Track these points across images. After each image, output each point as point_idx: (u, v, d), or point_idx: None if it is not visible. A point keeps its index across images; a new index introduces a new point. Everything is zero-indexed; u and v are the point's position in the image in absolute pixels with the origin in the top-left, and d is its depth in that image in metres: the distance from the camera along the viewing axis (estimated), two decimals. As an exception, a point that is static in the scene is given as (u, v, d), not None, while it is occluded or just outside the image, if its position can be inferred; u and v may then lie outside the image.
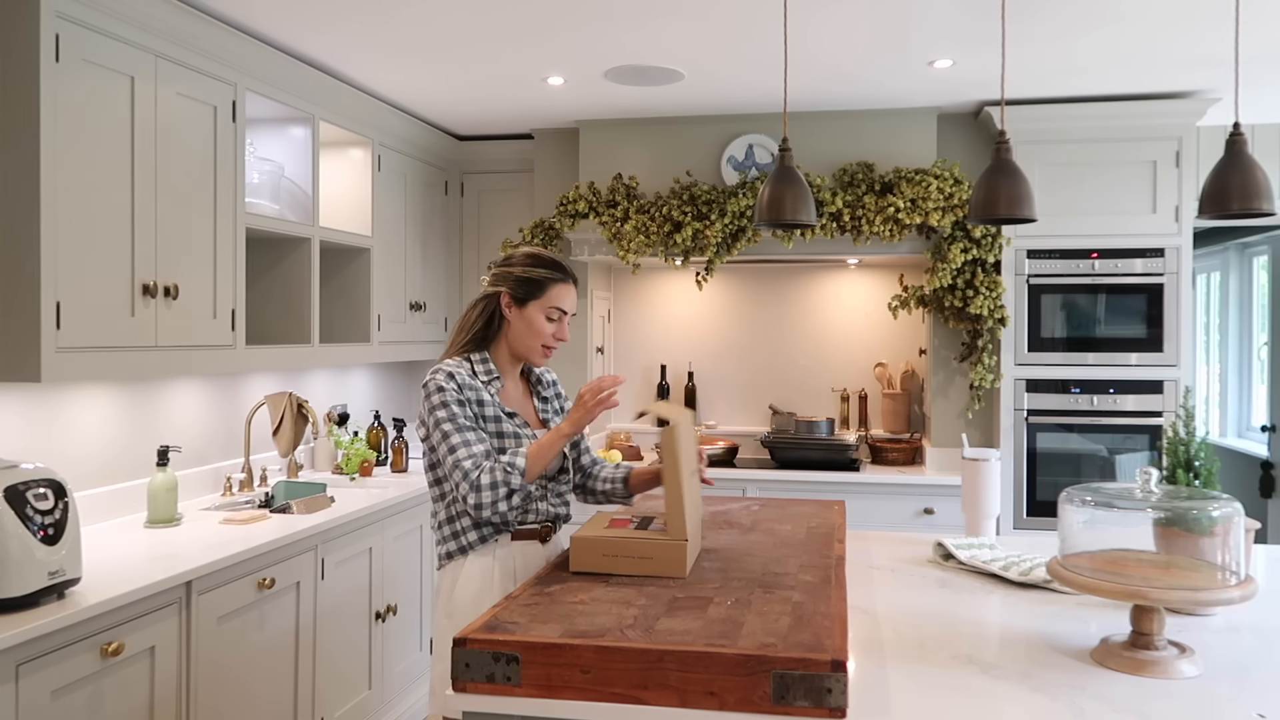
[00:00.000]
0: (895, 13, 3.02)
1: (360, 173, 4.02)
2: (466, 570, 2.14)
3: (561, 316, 2.22)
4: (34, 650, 2.04)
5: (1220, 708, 1.50)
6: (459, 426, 2.07)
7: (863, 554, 2.49)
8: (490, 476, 2.03)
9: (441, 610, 2.16)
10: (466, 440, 2.06)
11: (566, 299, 2.22)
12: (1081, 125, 4.00)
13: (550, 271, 2.21)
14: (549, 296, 2.20)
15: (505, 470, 2.03)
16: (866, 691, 1.54)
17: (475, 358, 2.20)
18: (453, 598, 2.13)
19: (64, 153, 2.49)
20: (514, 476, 2.04)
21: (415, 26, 3.15)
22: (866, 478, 4.12)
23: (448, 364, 2.16)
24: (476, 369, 2.18)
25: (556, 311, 2.21)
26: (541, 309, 2.19)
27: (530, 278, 2.20)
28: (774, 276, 4.81)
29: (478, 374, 2.17)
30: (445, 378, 2.11)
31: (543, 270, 2.21)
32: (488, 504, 2.04)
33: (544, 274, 2.20)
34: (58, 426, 2.90)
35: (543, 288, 2.19)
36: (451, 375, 2.12)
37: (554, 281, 2.20)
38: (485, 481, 2.03)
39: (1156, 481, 1.76)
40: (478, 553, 2.14)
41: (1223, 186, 2.33)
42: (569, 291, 2.23)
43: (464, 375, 2.13)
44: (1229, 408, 5.92)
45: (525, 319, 2.19)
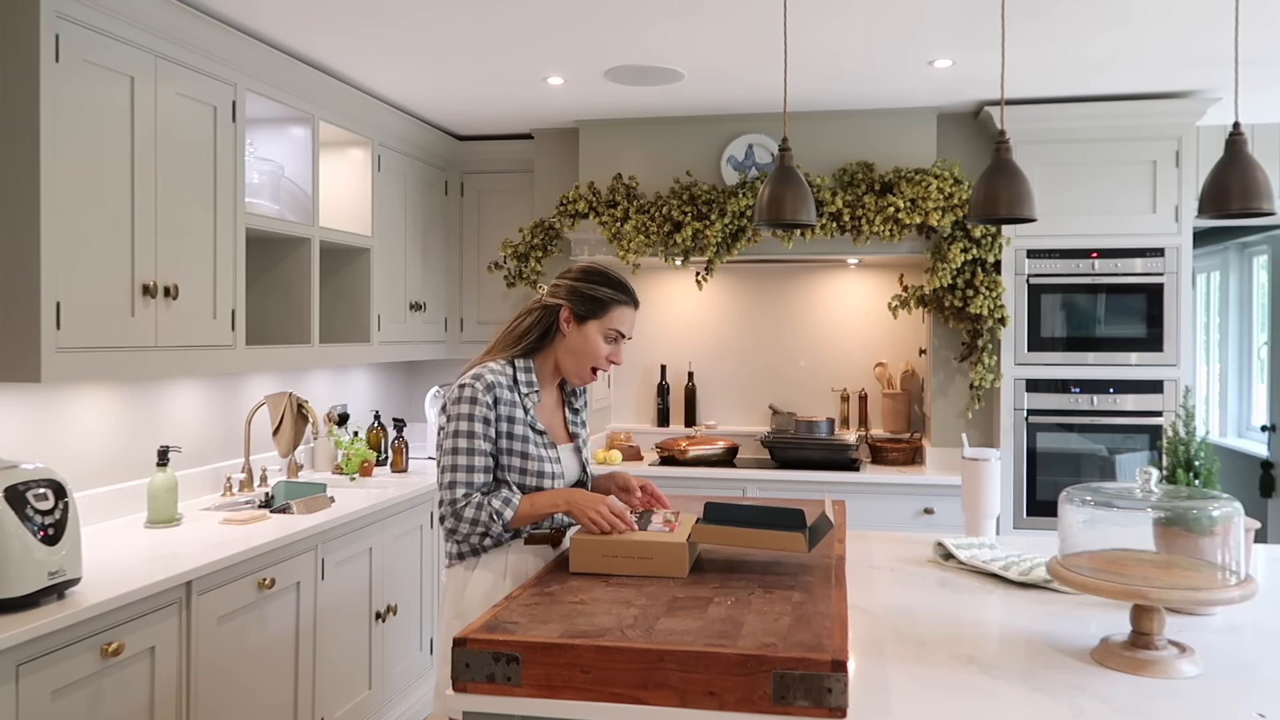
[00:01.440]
0: (895, 12, 3.02)
1: (360, 173, 4.03)
2: (479, 571, 2.12)
3: (619, 338, 2.20)
4: (34, 650, 2.04)
5: (1220, 708, 1.50)
6: (471, 448, 2.06)
7: (863, 554, 2.49)
8: (475, 513, 2.04)
9: (450, 611, 2.14)
10: (472, 465, 2.06)
11: (626, 321, 2.20)
12: (1081, 125, 4.00)
13: (616, 292, 2.19)
14: (611, 317, 2.18)
15: (491, 516, 2.04)
16: (866, 691, 1.54)
17: (520, 364, 2.17)
18: (463, 598, 2.11)
19: (64, 153, 2.49)
20: (496, 525, 2.05)
21: (415, 26, 3.15)
22: (866, 478, 4.12)
23: (491, 370, 2.12)
24: (519, 377, 2.15)
25: (614, 333, 2.19)
26: (601, 328, 2.17)
27: (596, 296, 2.17)
28: (774, 276, 4.81)
29: (519, 383, 2.15)
30: (484, 389, 2.08)
31: (608, 290, 2.18)
32: (462, 535, 2.08)
33: (610, 294, 2.18)
34: (58, 426, 2.90)
35: (606, 308, 2.17)
36: (491, 387, 2.08)
37: (618, 303, 2.19)
38: (468, 515, 2.05)
39: (1156, 481, 1.76)
40: (490, 553, 2.13)
41: (1223, 186, 2.33)
42: (631, 314, 2.21)
43: (504, 389, 2.10)
44: (1229, 407, 5.92)
45: (583, 336, 2.17)
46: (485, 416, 2.07)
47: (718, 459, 4.44)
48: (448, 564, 2.18)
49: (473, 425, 2.06)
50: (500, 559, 2.12)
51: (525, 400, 2.14)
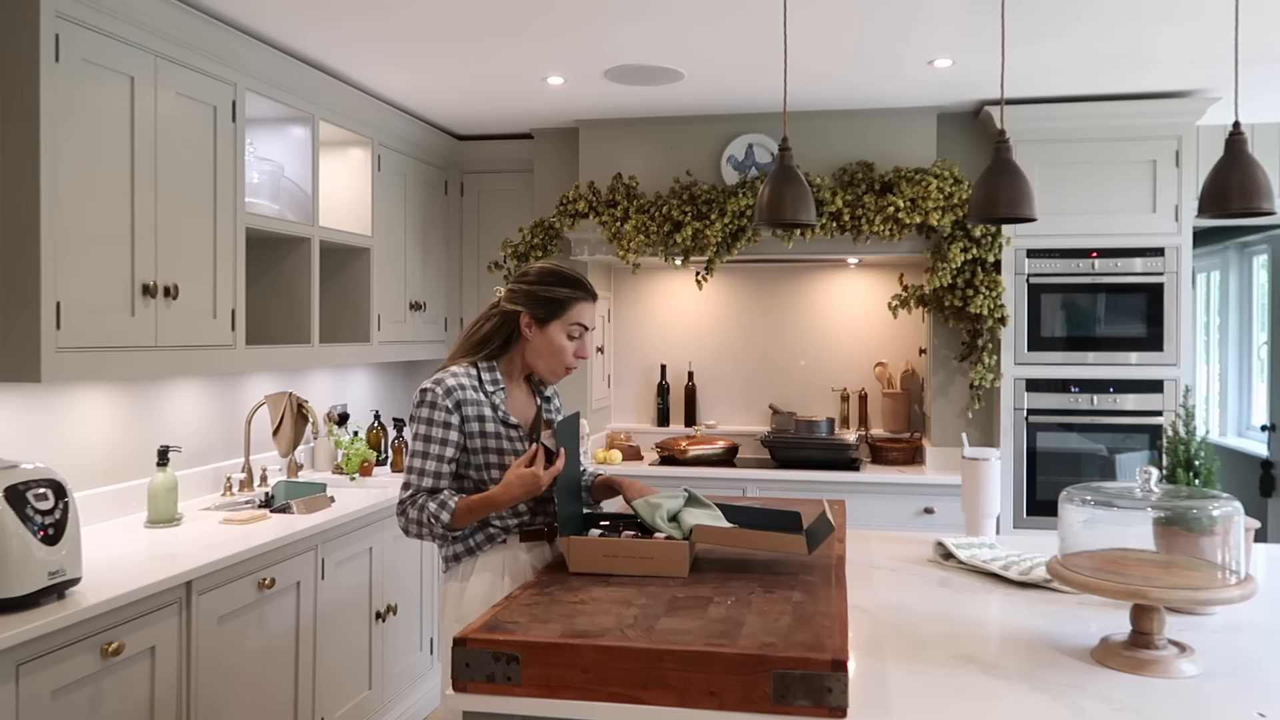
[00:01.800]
0: (895, 13, 3.02)
1: (360, 173, 4.02)
2: (477, 571, 2.13)
3: (582, 333, 2.21)
4: (34, 650, 2.04)
5: (1220, 707, 1.50)
6: (426, 452, 2.09)
7: (863, 554, 2.49)
8: (416, 514, 2.08)
9: (450, 614, 2.14)
10: (424, 469, 2.09)
11: (587, 315, 2.21)
12: (1081, 125, 4.00)
13: (573, 290, 2.19)
14: (570, 315, 2.18)
15: (430, 518, 2.06)
16: (866, 691, 1.54)
17: (483, 365, 2.18)
18: (462, 600, 2.12)
19: (64, 153, 2.48)
20: (436, 527, 2.06)
21: (415, 26, 3.15)
22: (866, 477, 4.12)
23: (453, 373, 2.14)
24: (484, 377, 2.16)
25: (578, 328, 2.20)
26: (563, 327, 2.18)
27: (554, 298, 2.17)
28: (774, 276, 4.81)
29: (484, 382, 2.16)
30: (444, 394, 2.09)
31: (566, 290, 2.18)
32: (410, 532, 2.11)
33: (567, 293, 2.18)
34: (58, 426, 2.90)
35: (565, 307, 2.18)
36: (451, 391, 2.10)
37: (576, 300, 2.19)
38: (411, 515, 2.09)
39: (1156, 481, 1.76)
40: (486, 553, 2.14)
41: (1223, 186, 2.33)
42: (590, 308, 2.22)
43: (468, 390, 2.12)
44: (1229, 407, 5.92)
45: (547, 338, 2.18)
46: (445, 421, 2.09)
47: (718, 459, 4.44)
48: (444, 569, 2.19)
49: (430, 430, 2.09)
50: (498, 559, 2.13)
51: (493, 397, 2.15)
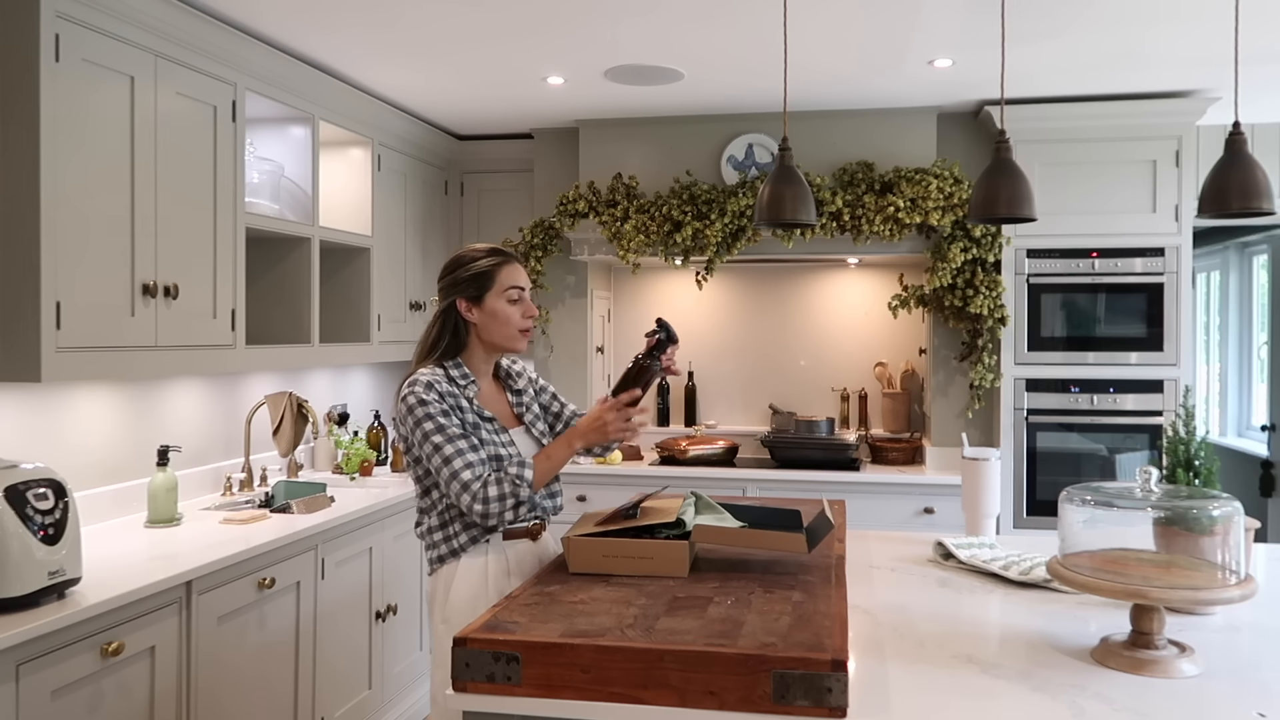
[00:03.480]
0: (895, 12, 3.02)
1: (360, 172, 4.02)
2: (460, 573, 2.12)
3: (521, 294, 2.20)
4: (34, 650, 2.04)
5: (1220, 707, 1.50)
6: (450, 436, 2.05)
7: (863, 554, 2.49)
8: (498, 489, 2.03)
9: (437, 616, 2.14)
10: (460, 450, 2.05)
11: (519, 276, 2.20)
12: (1081, 125, 4.00)
13: (492, 258, 2.19)
14: (501, 280, 2.18)
15: (514, 482, 2.04)
16: (866, 691, 1.54)
17: (449, 364, 2.18)
18: (449, 601, 2.11)
19: (64, 153, 2.49)
20: (523, 489, 2.05)
21: (415, 26, 3.15)
22: (866, 477, 4.12)
23: (423, 374, 2.13)
24: (452, 374, 2.16)
25: (515, 291, 2.18)
26: (500, 295, 2.17)
27: (476, 272, 2.18)
28: (774, 276, 4.81)
29: (454, 379, 2.15)
30: (424, 388, 2.09)
31: (484, 260, 2.19)
32: (495, 514, 2.04)
33: (487, 263, 2.18)
34: (58, 426, 2.90)
35: (492, 276, 2.17)
36: (430, 385, 2.09)
37: (500, 265, 2.19)
38: (493, 494, 2.03)
39: (1156, 481, 1.76)
40: (470, 554, 2.13)
41: (1223, 186, 2.33)
42: (517, 269, 2.21)
43: (442, 384, 2.12)
44: (1229, 407, 5.92)
45: (489, 312, 2.17)
46: (443, 409, 2.08)
47: (718, 459, 4.44)
48: (430, 571, 2.18)
49: (437, 421, 2.06)
50: (479, 558, 2.13)
51: (465, 392, 2.15)
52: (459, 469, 2.03)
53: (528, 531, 2.19)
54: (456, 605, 2.09)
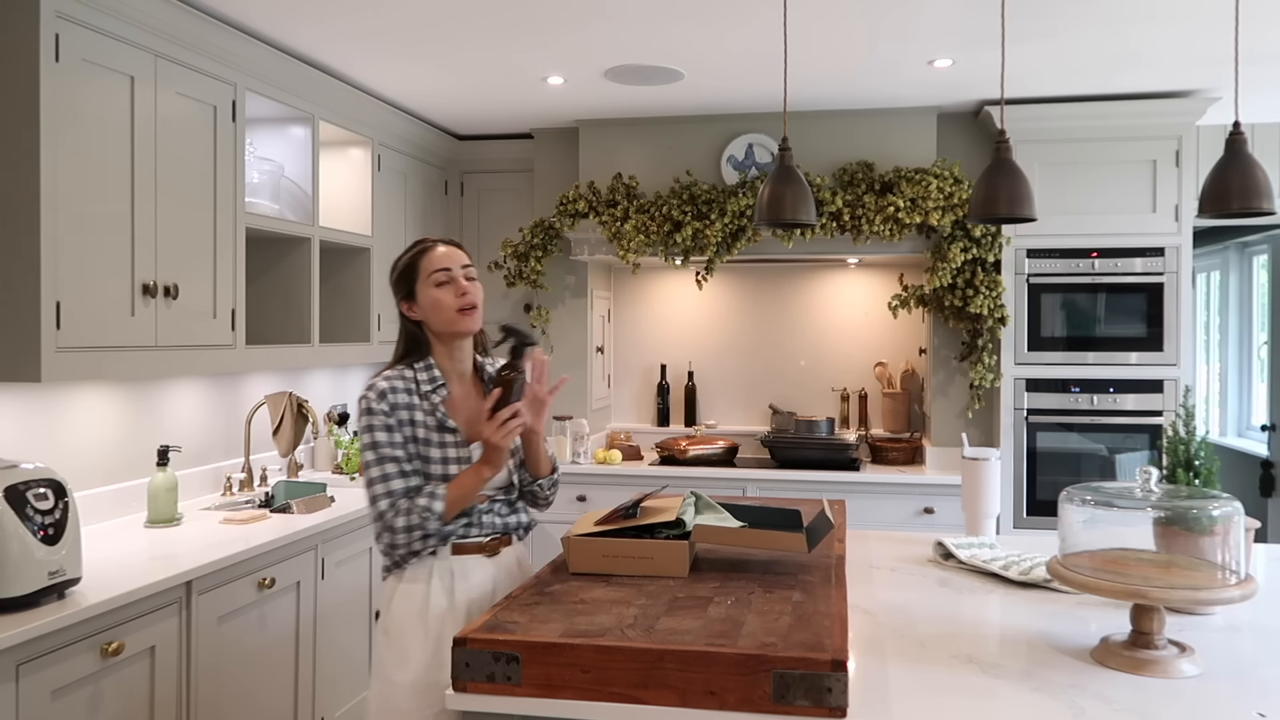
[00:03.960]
0: (895, 12, 3.02)
1: (360, 172, 4.02)
2: (402, 587, 2.03)
3: (448, 275, 2.09)
4: (34, 650, 2.04)
5: (1220, 707, 1.50)
6: (381, 457, 1.99)
7: (863, 554, 2.49)
8: (405, 519, 1.95)
9: (381, 625, 2.07)
10: (386, 474, 1.98)
11: (443, 259, 2.10)
12: (1081, 124, 4.00)
13: (411, 252, 2.14)
14: (424, 268, 2.10)
15: (422, 515, 1.95)
16: (866, 691, 1.54)
17: (419, 365, 2.10)
18: (389, 615, 2.03)
19: (64, 153, 2.48)
20: (430, 521, 1.96)
21: (415, 25, 3.15)
22: (866, 477, 4.12)
23: (384, 379, 2.06)
24: (420, 377, 2.08)
25: (440, 274, 2.08)
26: (427, 284, 2.09)
27: (402, 270, 2.13)
28: (774, 276, 4.81)
29: (420, 384, 2.07)
30: (377, 398, 2.02)
31: (405, 256, 2.15)
32: (402, 544, 1.97)
33: (408, 257, 2.14)
34: (58, 426, 2.90)
35: (414, 266, 2.11)
36: (384, 394, 2.03)
37: (421, 254, 2.12)
38: (400, 524, 1.96)
39: (1156, 481, 1.76)
40: (414, 568, 2.03)
41: (1223, 186, 2.33)
42: (440, 252, 2.11)
43: (399, 393, 2.04)
44: (1229, 407, 5.92)
45: (423, 304, 2.10)
46: (386, 424, 2.01)
47: (718, 459, 4.44)
48: (382, 577, 2.09)
49: (375, 436, 2.00)
50: (424, 571, 2.02)
51: (433, 396, 2.07)
52: (378, 494, 1.98)
53: (481, 548, 2.07)
54: (397, 621, 2.02)
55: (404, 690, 1.97)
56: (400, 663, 1.99)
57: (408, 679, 1.97)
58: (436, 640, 1.97)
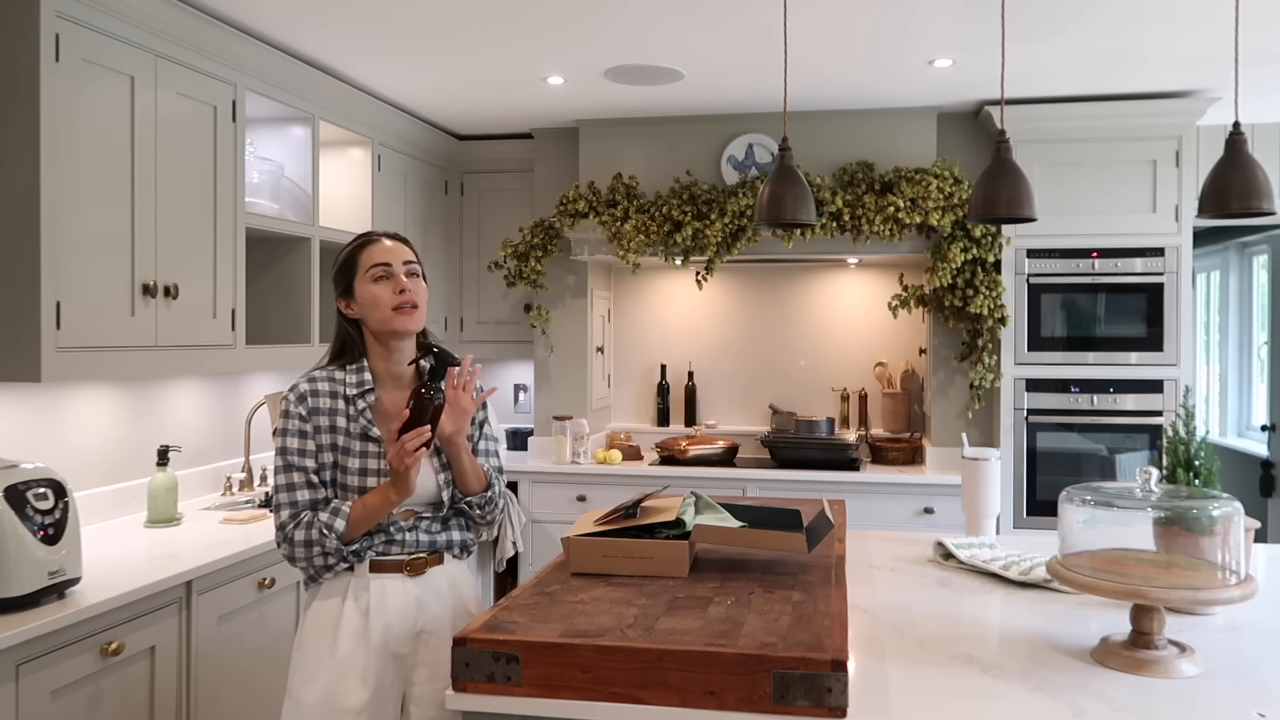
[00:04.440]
0: (895, 13, 3.02)
1: (360, 172, 4.02)
2: (316, 603, 1.92)
3: (387, 270, 1.96)
4: (34, 650, 2.04)
5: (1220, 707, 1.50)
6: (288, 465, 1.91)
7: (863, 554, 2.49)
8: (305, 534, 1.87)
9: (296, 640, 1.95)
10: (291, 483, 1.90)
11: (380, 255, 1.98)
12: (1081, 125, 4.00)
13: (352, 246, 2.03)
14: (362, 262, 1.98)
15: (322, 531, 1.85)
16: (866, 691, 1.54)
17: (351, 367, 1.99)
18: (302, 629, 1.93)
19: (64, 153, 2.48)
20: (329, 539, 1.85)
21: (415, 25, 3.15)
22: (866, 477, 4.12)
23: (310, 378, 1.97)
24: (348, 379, 1.97)
25: (378, 269, 1.96)
26: (365, 280, 1.97)
27: (340, 266, 2.02)
28: (774, 276, 4.81)
29: (347, 385, 1.96)
30: (296, 400, 1.93)
31: (345, 252, 2.03)
32: (301, 559, 1.89)
33: (347, 251, 2.02)
34: (58, 426, 2.90)
35: (353, 261, 1.99)
36: (304, 397, 1.93)
37: (359, 249, 2.00)
38: (299, 538, 1.87)
39: (1156, 481, 1.76)
40: (329, 584, 1.92)
41: (1223, 186, 2.33)
42: (379, 248, 1.99)
43: (322, 395, 1.94)
44: (1229, 407, 5.92)
45: (360, 302, 1.98)
46: (300, 430, 1.92)
47: (718, 459, 4.44)
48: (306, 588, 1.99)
49: (286, 441, 1.92)
50: (340, 587, 1.91)
51: (357, 402, 1.95)
52: (281, 503, 1.90)
53: (401, 566, 1.93)
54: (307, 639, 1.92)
55: (310, 710, 1.86)
56: (307, 681, 1.88)
57: (314, 699, 1.86)
58: (345, 661, 1.87)
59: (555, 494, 4.33)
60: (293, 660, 1.93)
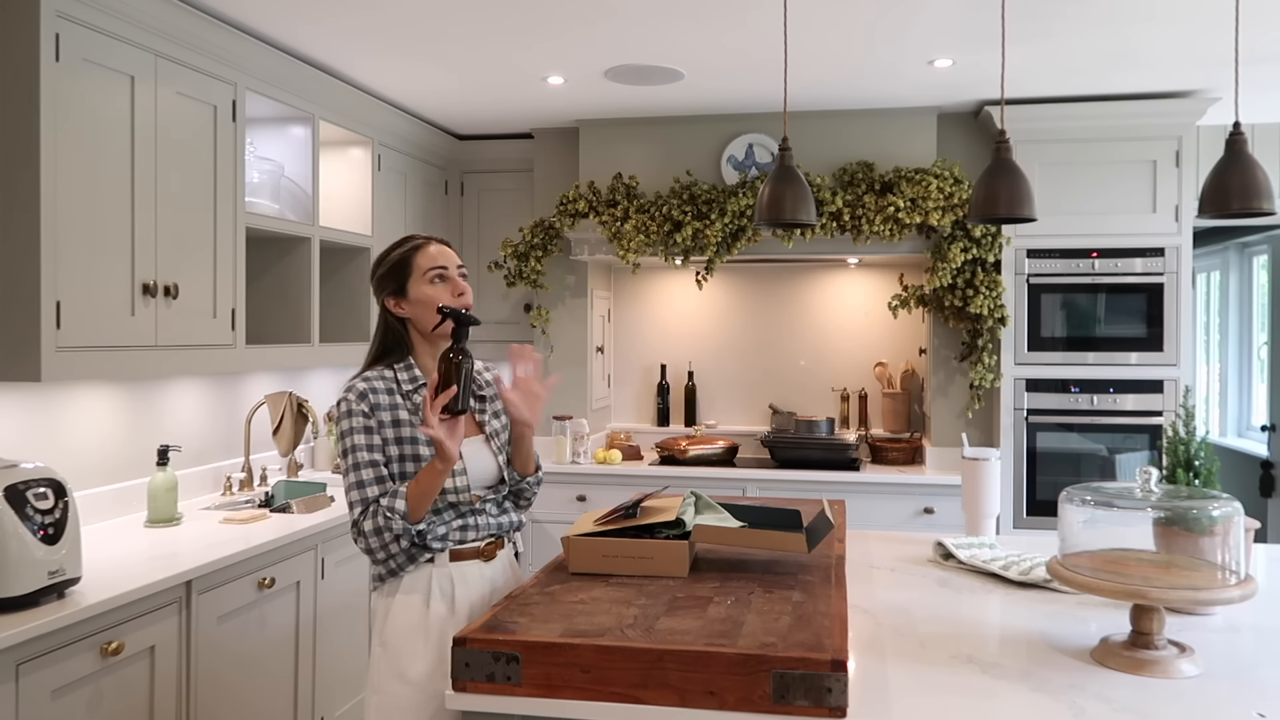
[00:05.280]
0: (895, 13, 3.02)
1: (360, 172, 4.02)
2: (400, 596, 1.97)
3: (444, 273, 2.04)
4: (34, 650, 2.04)
5: (1220, 707, 1.50)
6: (357, 462, 1.94)
7: (863, 554, 2.49)
8: (373, 522, 1.91)
9: (376, 638, 1.99)
10: (361, 480, 1.93)
11: (439, 257, 2.05)
12: (1081, 125, 4.00)
13: (404, 248, 2.07)
14: (418, 264, 2.03)
15: (385, 515, 1.89)
16: (866, 691, 1.54)
17: (399, 366, 2.04)
18: (386, 626, 1.97)
19: (64, 152, 2.48)
20: (395, 521, 1.89)
21: (415, 25, 3.15)
22: (866, 477, 4.12)
23: (364, 378, 2.01)
24: (400, 378, 2.03)
25: (435, 272, 2.03)
26: (421, 280, 2.02)
27: (393, 265, 2.06)
28: (774, 276, 4.81)
29: (401, 383, 2.02)
30: (356, 398, 1.97)
31: (397, 252, 2.07)
32: (375, 549, 1.93)
33: (400, 253, 2.06)
34: (58, 426, 2.90)
35: (408, 263, 2.04)
36: (364, 395, 1.97)
37: (414, 250, 2.05)
38: (369, 528, 1.91)
39: (1156, 481, 1.76)
40: (411, 576, 1.97)
41: (1223, 186, 2.33)
42: (435, 250, 2.06)
43: (380, 394, 1.98)
44: (1229, 407, 5.92)
45: (414, 301, 2.03)
46: (365, 426, 1.96)
47: (718, 458, 4.44)
48: (372, 587, 2.03)
49: (354, 439, 1.95)
50: (423, 580, 1.97)
51: (414, 397, 2.01)
52: (353, 499, 1.93)
53: (478, 553, 2.02)
54: (395, 633, 1.96)
55: (408, 699, 1.92)
56: (401, 674, 1.93)
57: (410, 690, 1.92)
58: (439, 648, 1.92)
59: (555, 494, 4.33)
60: (376, 657, 1.98)
